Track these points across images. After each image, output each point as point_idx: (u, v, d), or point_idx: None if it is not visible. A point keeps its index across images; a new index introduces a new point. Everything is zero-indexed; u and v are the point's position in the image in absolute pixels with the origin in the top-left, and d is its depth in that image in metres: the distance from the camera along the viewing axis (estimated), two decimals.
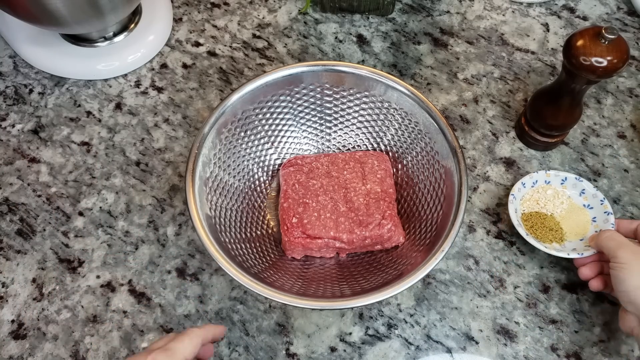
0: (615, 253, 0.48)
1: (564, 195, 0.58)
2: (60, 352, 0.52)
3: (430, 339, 0.53)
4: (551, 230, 0.56)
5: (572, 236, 0.56)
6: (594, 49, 0.49)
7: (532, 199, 0.58)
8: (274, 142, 0.60)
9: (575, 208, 0.57)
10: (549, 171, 0.58)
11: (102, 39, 0.68)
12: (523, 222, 0.57)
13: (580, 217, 0.57)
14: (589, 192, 0.57)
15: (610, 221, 0.54)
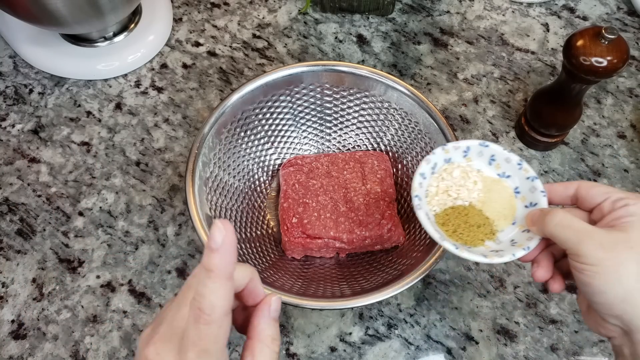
0: (577, 249, 0.35)
1: (473, 171, 0.45)
2: (60, 352, 0.52)
3: (430, 339, 0.53)
4: (479, 227, 0.43)
5: (502, 223, 0.44)
6: (594, 49, 0.49)
7: (439, 190, 0.45)
8: (274, 142, 0.60)
9: (491, 183, 0.45)
10: (446, 146, 0.45)
11: (102, 39, 0.68)
12: (441, 227, 0.43)
13: (502, 193, 0.45)
14: (500, 157, 0.45)
15: (539, 188, 0.43)
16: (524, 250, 0.40)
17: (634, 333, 0.35)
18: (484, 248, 0.42)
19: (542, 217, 0.38)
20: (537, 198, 0.42)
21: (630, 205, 0.36)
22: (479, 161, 0.46)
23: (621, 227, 0.36)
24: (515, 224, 0.43)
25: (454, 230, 0.43)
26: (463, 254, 0.40)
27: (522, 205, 0.44)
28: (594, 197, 0.38)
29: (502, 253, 0.41)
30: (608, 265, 0.34)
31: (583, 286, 0.36)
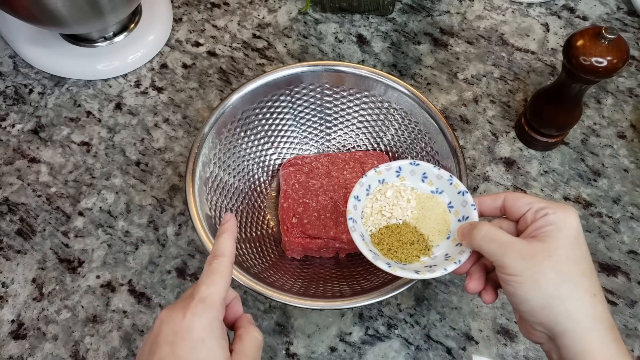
0: (502, 261, 0.37)
1: (407, 190, 0.47)
2: (60, 352, 0.52)
3: (430, 339, 0.53)
4: (412, 243, 0.45)
5: (437, 238, 0.45)
6: (594, 49, 0.49)
7: (374, 211, 0.47)
8: (274, 142, 0.60)
9: (425, 199, 0.47)
10: (378, 168, 0.47)
11: (102, 39, 0.68)
12: (377, 247, 0.45)
13: (435, 209, 0.46)
14: (432, 174, 0.47)
15: (469, 202, 0.44)
16: (455, 264, 0.41)
17: (557, 338, 0.36)
18: (418, 264, 0.44)
19: (470, 231, 0.40)
20: (468, 211, 0.44)
21: (549, 214, 0.38)
22: (413, 179, 0.48)
23: (541, 237, 0.37)
24: (450, 237, 0.45)
25: (389, 248, 0.45)
26: (396, 271, 0.41)
27: (455, 220, 0.45)
28: (519, 208, 0.40)
29: (435, 268, 0.42)
30: (528, 275, 0.36)
31: (509, 296, 0.38)
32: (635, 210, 0.60)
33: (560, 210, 0.38)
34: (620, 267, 0.57)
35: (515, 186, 0.61)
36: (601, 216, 0.59)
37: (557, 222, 0.37)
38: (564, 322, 0.35)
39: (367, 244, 0.44)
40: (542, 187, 0.61)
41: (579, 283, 0.36)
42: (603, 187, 0.61)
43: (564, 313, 0.35)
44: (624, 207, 0.60)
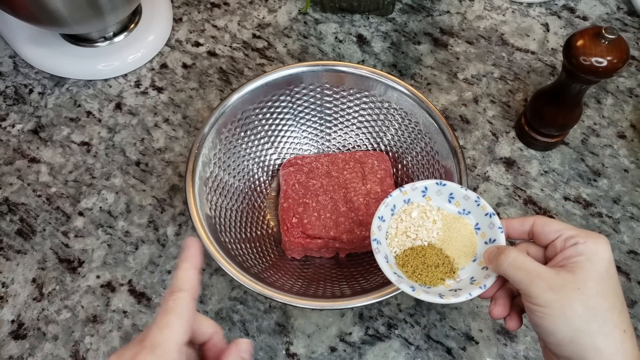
0: (529, 290, 0.36)
1: (433, 210, 0.46)
2: (60, 352, 0.52)
3: (430, 339, 0.53)
4: (437, 266, 0.43)
5: (463, 260, 0.44)
6: (594, 49, 0.49)
7: (398, 232, 0.45)
8: (274, 142, 0.60)
9: (452, 220, 0.45)
10: (404, 187, 0.45)
11: (102, 39, 0.68)
12: (401, 269, 0.43)
13: (462, 231, 0.45)
14: (459, 195, 0.45)
15: (497, 224, 0.43)
16: (480, 288, 0.40)
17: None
18: (443, 287, 0.43)
19: (497, 256, 0.39)
20: (495, 234, 0.43)
21: (579, 244, 0.37)
22: (439, 199, 0.46)
23: (570, 267, 0.36)
24: (476, 260, 0.43)
25: (413, 271, 0.43)
26: (420, 295, 0.40)
27: (482, 242, 0.44)
28: (548, 234, 0.39)
29: (460, 292, 0.41)
30: (556, 307, 0.35)
31: (535, 326, 0.36)
32: (635, 210, 0.60)
33: (591, 240, 0.37)
34: (620, 267, 0.57)
35: (515, 186, 0.61)
36: (601, 216, 0.59)
37: (587, 253, 0.36)
38: (592, 358, 0.34)
39: (391, 266, 0.43)
40: (542, 187, 0.61)
41: (609, 318, 0.35)
42: (603, 187, 0.61)
43: (592, 349, 0.34)
44: (624, 207, 0.60)
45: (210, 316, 0.54)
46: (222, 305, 0.54)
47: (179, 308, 0.31)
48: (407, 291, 0.40)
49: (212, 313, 0.54)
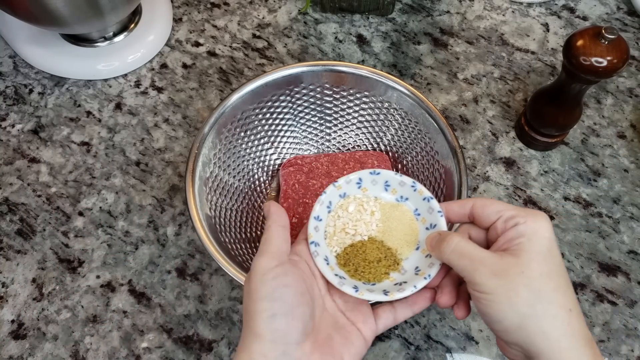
0: (472, 277, 0.34)
1: (370, 201, 0.44)
2: (60, 352, 0.52)
3: (430, 339, 0.53)
4: (379, 261, 0.41)
5: (406, 250, 0.42)
6: (594, 49, 0.49)
7: (337, 229, 0.43)
8: (274, 142, 0.60)
9: (390, 209, 0.44)
10: (337, 182, 0.43)
11: (102, 39, 0.68)
12: (343, 269, 0.41)
13: (401, 219, 0.43)
14: (394, 182, 0.44)
15: (436, 208, 0.41)
16: (425, 279, 0.39)
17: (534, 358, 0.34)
18: (388, 282, 0.41)
19: (439, 243, 0.38)
20: (435, 219, 0.41)
21: (520, 224, 0.35)
22: (375, 189, 0.44)
23: (512, 250, 0.35)
24: (419, 248, 0.42)
25: (355, 269, 0.41)
26: (364, 295, 0.39)
27: (423, 228, 0.42)
28: (489, 216, 0.37)
29: (405, 285, 0.39)
30: (501, 293, 0.34)
31: (482, 315, 0.35)
32: (635, 210, 0.60)
33: (530, 218, 0.35)
34: (620, 267, 0.57)
35: (515, 186, 0.61)
36: (601, 216, 0.59)
37: (528, 233, 0.35)
38: (540, 342, 0.33)
39: (332, 268, 0.40)
40: (542, 187, 0.61)
41: (554, 299, 0.34)
42: (603, 187, 0.61)
43: (539, 333, 0.33)
44: (624, 207, 0.60)
45: (210, 316, 0.54)
46: (222, 305, 0.54)
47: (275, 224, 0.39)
48: (350, 293, 0.39)
49: (212, 313, 0.54)
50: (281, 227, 0.39)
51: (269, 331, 0.34)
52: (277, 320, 0.34)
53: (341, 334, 0.38)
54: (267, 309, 0.35)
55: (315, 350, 0.36)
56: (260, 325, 0.34)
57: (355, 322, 0.39)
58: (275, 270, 0.36)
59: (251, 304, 0.35)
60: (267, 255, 0.36)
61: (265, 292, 0.35)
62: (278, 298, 0.35)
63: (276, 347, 0.34)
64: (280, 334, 0.34)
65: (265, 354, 0.34)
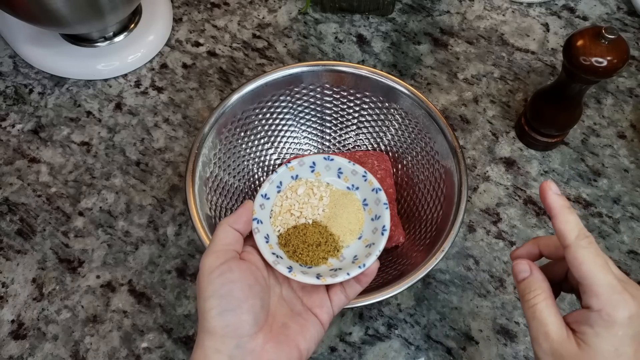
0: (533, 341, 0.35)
1: (321, 186, 0.45)
2: (60, 352, 0.52)
3: (430, 339, 0.53)
4: (319, 245, 0.42)
5: (349, 238, 0.43)
6: (594, 49, 0.49)
7: (283, 210, 0.44)
8: (274, 142, 0.60)
9: (340, 197, 0.44)
10: (290, 163, 0.44)
11: (102, 39, 0.68)
12: (283, 249, 0.42)
13: (349, 207, 0.44)
14: (347, 170, 0.45)
15: (382, 200, 0.43)
16: (359, 268, 0.40)
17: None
18: (325, 267, 0.42)
19: (525, 289, 0.36)
20: (380, 211, 0.42)
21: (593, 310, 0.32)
22: (328, 175, 0.45)
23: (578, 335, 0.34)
24: (361, 238, 0.42)
25: (294, 250, 0.42)
26: (296, 276, 0.39)
27: (369, 218, 0.43)
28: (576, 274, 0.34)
29: (339, 272, 0.40)
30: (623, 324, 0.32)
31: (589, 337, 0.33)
32: (635, 210, 0.60)
33: (608, 308, 0.32)
34: (620, 267, 0.57)
35: (515, 186, 0.61)
36: (601, 216, 0.59)
37: (598, 326, 0.32)
38: None
39: (271, 246, 0.41)
40: None
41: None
42: (603, 187, 0.61)
43: None
44: (624, 207, 0.60)
45: None
46: None
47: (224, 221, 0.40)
48: (284, 272, 0.39)
49: None
50: (231, 227, 0.39)
51: (219, 327, 0.35)
52: (226, 316, 0.36)
53: (297, 322, 0.39)
54: (216, 306, 0.36)
55: (269, 340, 0.37)
56: (211, 323, 0.36)
57: (312, 307, 0.40)
58: (220, 267, 0.37)
59: (201, 303, 0.36)
60: (212, 255, 0.37)
61: (212, 290, 0.36)
62: (225, 294, 0.36)
63: (229, 342, 0.35)
64: (231, 329, 0.36)
65: (219, 349, 0.35)
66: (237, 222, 0.40)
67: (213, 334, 0.36)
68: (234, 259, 0.38)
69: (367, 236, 0.42)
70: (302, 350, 0.38)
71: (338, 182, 0.45)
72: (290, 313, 0.40)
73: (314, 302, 0.40)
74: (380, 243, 0.42)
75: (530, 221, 0.59)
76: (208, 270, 0.37)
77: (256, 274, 0.38)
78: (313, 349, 0.39)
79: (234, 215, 0.40)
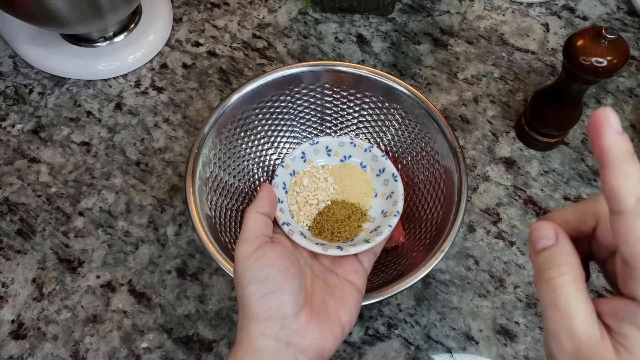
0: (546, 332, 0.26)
1: (319, 170, 0.48)
2: (60, 352, 0.52)
3: (430, 339, 0.53)
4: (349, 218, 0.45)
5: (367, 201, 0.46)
6: (594, 49, 0.49)
7: (300, 205, 0.47)
8: (274, 142, 0.60)
9: (340, 170, 0.48)
10: (284, 162, 0.47)
11: (102, 39, 0.68)
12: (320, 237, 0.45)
13: (353, 175, 0.47)
14: (334, 145, 0.49)
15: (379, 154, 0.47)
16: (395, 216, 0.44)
17: None
18: (364, 233, 0.45)
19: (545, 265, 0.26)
20: (382, 163, 0.46)
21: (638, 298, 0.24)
22: (319, 157, 0.48)
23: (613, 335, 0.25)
24: (377, 195, 0.46)
25: (331, 233, 0.45)
26: (350, 250, 0.42)
27: (374, 176, 0.48)
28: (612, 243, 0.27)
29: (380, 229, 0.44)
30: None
31: None
32: None
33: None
34: None
35: (515, 186, 0.61)
36: None
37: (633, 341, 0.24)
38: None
39: (310, 240, 0.43)
40: (542, 187, 0.61)
41: None
42: None
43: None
44: None
45: (210, 316, 0.54)
46: (222, 305, 0.54)
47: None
48: (338, 253, 0.42)
49: (212, 313, 0.54)
50: (259, 213, 0.40)
51: (262, 311, 0.36)
52: (267, 299, 0.36)
53: (334, 295, 0.40)
54: (256, 291, 0.36)
55: (311, 318, 0.37)
56: (253, 308, 0.36)
57: (347, 275, 0.42)
58: (255, 254, 0.37)
59: (240, 291, 0.37)
60: (245, 243, 0.38)
61: (250, 277, 0.37)
62: (263, 279, 0.37)
63: (273, 324, 0.36)
64: (273, 311, 0.36)
65: (264, 332, 0.36)
66: (262, 206, 0.40)
67: (257, 318, 0.36)
68: (266, 244, 0.38)
69: (382, 190, 0.45)
70: (344, 324, 0.39)
71: (331, 160, 0.48)
72: (327, 287, 0.40)
73: (347, 270, 0.42)
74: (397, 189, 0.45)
75: (530, 221, 0.59)
76: (243, 257, 0.37)
77: (290, 255, 0.39)
78: (354, 319, 0.40)
79: (258, 201, 0.41)
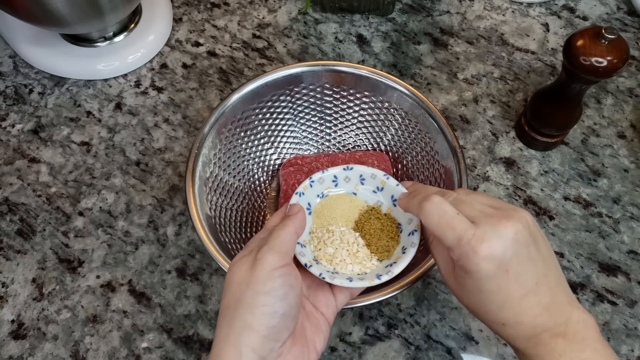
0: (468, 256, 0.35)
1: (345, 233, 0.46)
2: (60, 352, 0.52)
3: (430, 339, 0.53)
4: (382, 230, 0.45)
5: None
6: (594, 49, 0.49)
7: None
8: (274, 142, 0.60)
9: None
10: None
11: (102, 39, 0.68)
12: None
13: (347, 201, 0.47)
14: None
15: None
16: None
17: None
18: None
19: (418, 207, 0.38)
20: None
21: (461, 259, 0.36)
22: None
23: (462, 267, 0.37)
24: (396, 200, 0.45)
25: (368, 242, 0.45)
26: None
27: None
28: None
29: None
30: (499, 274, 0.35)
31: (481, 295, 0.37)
32: (635, 210, 0.60)
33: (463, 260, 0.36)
34: (620, 267, 0.57)
35: (515, 186, 0.61)
36: (601, 216, 0.59)
37: (467, 271, 0.36)
38: None
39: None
40: (542, 187, 0.61)
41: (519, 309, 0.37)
42: (603, 187, 0.61)
43: None
44: (624, 207, 0.60)
45: (210, 316, 0.54)
46: None
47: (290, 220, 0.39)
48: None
49: (212, 313, 0.54)
50: (295, 233, 0.39)
51: (264, 327, 0.34)
52: (275, 317, 0.35)
53: (310, 321, 0.39)
54: (270, 304, 0.35)
55: (294, 343, 0.37)
56: (257, 319, 0.34)
57: (319, 306, 0.41)
58: (283, 269, 0.36)
59: (251, 294, 0.35)
60: (277, 254, 0.36)
61: (271, 288, 0.35)
62: (283, 297, 0.35)
63: (267, 344, 0.34)
64: (274, 332, 0.35)
65: (255, 349, 0.34)
66: (300, 228, 0.40)
67: (253, 330, 0.34)
68: (291, 265, 0.37)
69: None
70: (319, 351, 0.38)
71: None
72: (305, 313, 0.40)
73: (320, 302, 0.41)
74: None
75: None
76: (271, 265, 0.36)
77: (301, 284, 0.38)
78: (324, 347, 0.39)
79: (298, 221, 0.40)
